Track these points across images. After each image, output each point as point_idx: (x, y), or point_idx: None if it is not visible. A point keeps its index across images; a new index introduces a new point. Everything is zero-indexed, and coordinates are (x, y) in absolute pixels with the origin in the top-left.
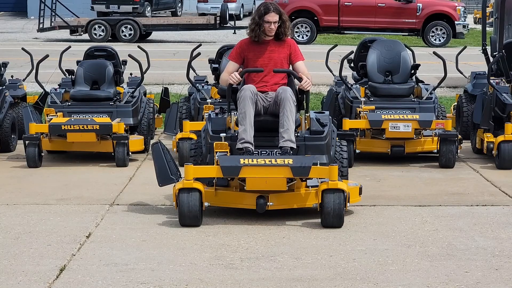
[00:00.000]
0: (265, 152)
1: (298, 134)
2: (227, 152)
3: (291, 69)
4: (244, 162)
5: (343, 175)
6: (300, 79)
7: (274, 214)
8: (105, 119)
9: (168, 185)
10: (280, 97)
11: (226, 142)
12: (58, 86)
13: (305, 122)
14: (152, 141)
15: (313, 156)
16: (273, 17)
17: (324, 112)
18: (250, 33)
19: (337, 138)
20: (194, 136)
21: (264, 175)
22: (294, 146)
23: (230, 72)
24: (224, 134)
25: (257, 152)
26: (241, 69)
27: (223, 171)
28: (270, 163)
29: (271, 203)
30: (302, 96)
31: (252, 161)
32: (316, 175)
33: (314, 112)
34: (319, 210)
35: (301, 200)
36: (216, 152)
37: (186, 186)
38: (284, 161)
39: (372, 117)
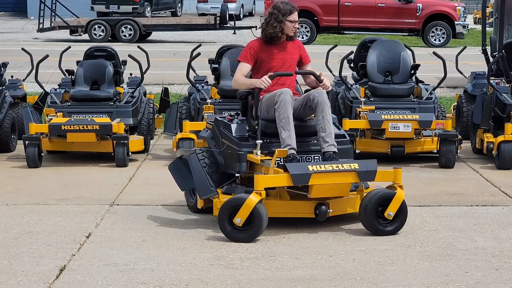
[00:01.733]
0: (300, 158)
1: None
2: (280, 159)
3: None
4: (313, 169)
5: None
6: (320, 80)
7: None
8: (105, 119)
9: (209, 196)
10: (317, 101)
11: (286, 149)
12: (58, 86)
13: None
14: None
15: (374, 160)
16: (296, 16)
17: (333, 115)
18: (273, 32)
19: None
20: (194, 136)
21: (332, 181)
22: (337, 150)
23: (244, 74)
24: (261, 141)
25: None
26: (270, 73)
27: (294, 179)
28: (337, 168)
29: (331, 210)
30: None
31: (320, 167)
32: (381, 179)
33: None
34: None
35: (353, 205)
36: (276, 158)
37: (262, 198)
38: (350, 166)
39: (372, 117)
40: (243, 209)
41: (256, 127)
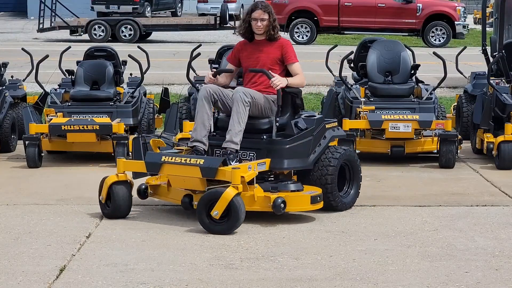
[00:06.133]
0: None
1: (264, 137)
2: (181, 150)
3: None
4: (164, 160)
5: (327, 183)
6: (269, 77)
7: (274, 214)
8: (105, 119)
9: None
10: (232, 98)
11: (161, 139)
12: (58, 86)
13: (275, 125)
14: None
15: (220, 158)
16: (260, 14)
17: (313, 116)
18: (241, 31)
19: (335, 143)
20: None
21: (180, 174)
22: (237, 147)
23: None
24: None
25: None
26: (215, 69)
27: (147, 167)
28: (184, 162)
29: (195, 203)
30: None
31: (171, 159)
32: (222, 177)
33: (304, 116)
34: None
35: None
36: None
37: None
38: (196, 161)
39: (372, 117)
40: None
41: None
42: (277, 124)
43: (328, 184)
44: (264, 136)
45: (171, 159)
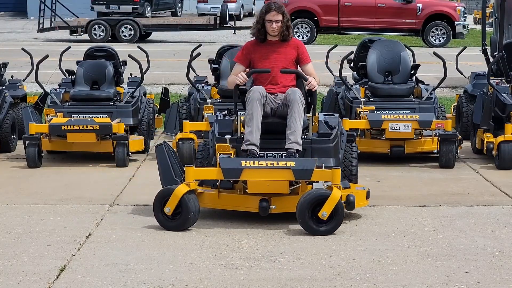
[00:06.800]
0: (270, 155)
1: (305, 137)
2: (230, 154)
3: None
4: (245, 164)
5: (352, 174)
6: (305, 78)
7: (274, 214)
8: (105, 119)
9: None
10: (289, 99)
11: (229, 144)
12: (58, 86)
13: (312, 125)
14: (156, 143)
15: (313, 159)
16: (274, 16)
17: (333, 114)
18: (255, 32)
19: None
20: (194, 137)
21: (265, 178)
22: (301, 148)
23: (236, 74)
24: (229, 136)
25: (263, 154)
26: (248, 70)
27: (224, 173)
28: (271, 165)
29: (274, 207)
30: (311, 98)
31: (254, 163)
32: (319, 178)
33: (323, 114)
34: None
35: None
36: (219, 154)
37: (190, 189)
38: (286, 163)
39: (372, 117)
40: (172, 199)
41: (237, 122)
42: (312, 123)
43: (352, 175)
44: (305, 136)
45: (254, 163)
